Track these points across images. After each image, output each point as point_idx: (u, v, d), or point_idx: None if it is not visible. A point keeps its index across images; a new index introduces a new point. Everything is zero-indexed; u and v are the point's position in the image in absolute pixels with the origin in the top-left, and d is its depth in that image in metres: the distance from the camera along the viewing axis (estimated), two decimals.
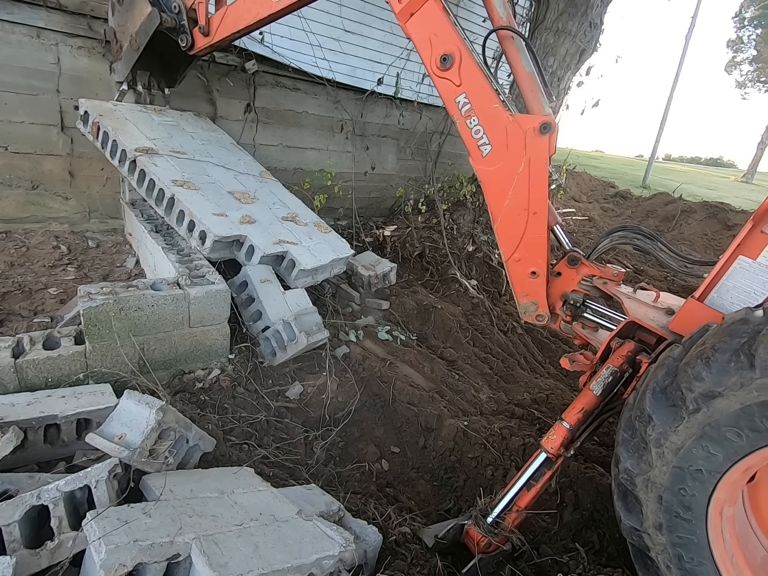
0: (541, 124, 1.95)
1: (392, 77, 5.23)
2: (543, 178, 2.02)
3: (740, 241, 1.75)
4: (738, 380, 1.36)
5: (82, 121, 3.30)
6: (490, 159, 2.08)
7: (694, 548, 1.58)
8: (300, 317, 2.88)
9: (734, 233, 7.81)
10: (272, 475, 2.19)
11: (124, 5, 3.01)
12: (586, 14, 4.92)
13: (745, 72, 30.80)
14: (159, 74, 3.39)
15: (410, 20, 2.11)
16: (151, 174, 3.02)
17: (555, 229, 2.29)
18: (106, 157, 3.29)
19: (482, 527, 1.96)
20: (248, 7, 2.68)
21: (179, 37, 3.00)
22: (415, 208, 5.54)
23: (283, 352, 2.87)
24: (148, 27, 2.85)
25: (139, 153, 3.07)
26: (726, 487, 1.48)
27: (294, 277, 3.09)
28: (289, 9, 2.61)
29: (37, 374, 2.13)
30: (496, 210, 2.15)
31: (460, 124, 2.11)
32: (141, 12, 2.85)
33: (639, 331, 2.06)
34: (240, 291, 3.01)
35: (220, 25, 2.83)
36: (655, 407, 1.56)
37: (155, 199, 3.08)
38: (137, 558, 1.29)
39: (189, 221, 2.92)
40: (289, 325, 2.84)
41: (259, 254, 2.95)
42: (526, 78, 2.24)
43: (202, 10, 2.86)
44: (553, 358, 4.18)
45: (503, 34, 2.23)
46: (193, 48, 3.04)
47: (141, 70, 3.25)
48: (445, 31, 2.04)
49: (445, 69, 2.06)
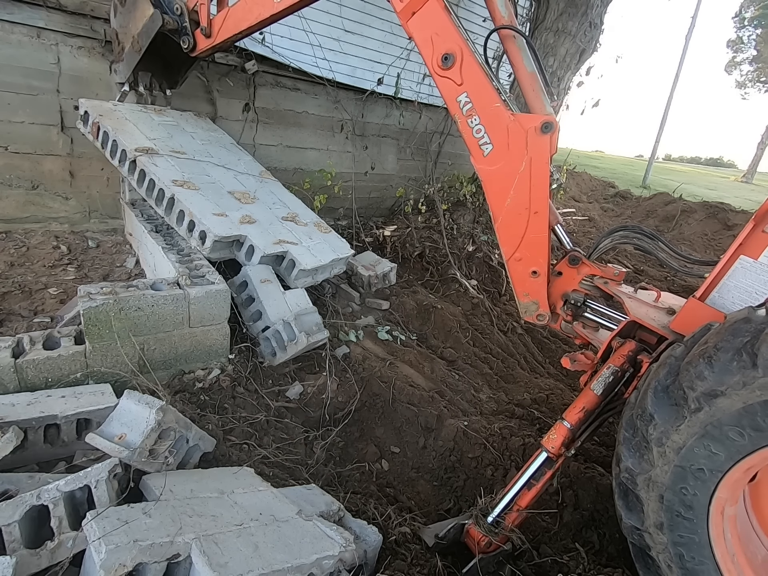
0: (543, 124, 1.94)
1: (392, 77, 5.23)
2: (544, 177, 2.02)
3: (741, 241, 1.75)
4: (740, 379, 1.36)
5: (82, 121, 3.30)
6: (492, 158, 2.08)
7: (695, 547, 1.58)
8: (300, 317, 2.87)
9: (734, 233, 7.82)
10: (272, 475, 2.19)
11: (126, 7, 3.02)
12: (586, 14, 4.93)
13: (745, 72, 30.81)
14: (160, 75, 3.40)
15: (412, 19, 2.10)
16: (151, 174, 3.02)
17: (556, 228, 2.29)
18: (106, 157, 3.29)
19: (483, 527, 1.96)
20: (250, 7, 2.68)
21: (181, 38, 3.01)
22: (415, 208, 5.54)
23: (283, 352, 2.87)
24: (150, 29, 2.87)
25: (139, 153, 3.07)
26: (728, 486, 1.48)
27: (294, 277, 3.09)
28: (291, 9, 2.60)
29: (37, 374, 2.13)
30: (498, 209, 2.15)
31: (461, 123, 2.10)
32: (143, 14, 2.86)
33: (640, 331, 2.06)
34: (240, 291, 3.00)
35: (221, 26, 2.84)
36: (657, 406, 1.56)
37: (155, 199, 3.08)
38: (137, 558, 1.29)
39: (189, 221, 2.92)
40: (289, 325, 2.83)
41: (259, 254, 2.95)
42: (527, 77, 2.23)
43: (203, 12, 2.87)
44: (553, 358, 4.18)
45: (505, 33, 2.23)
46: (195, 49, 3.04)
47: (143, 71, 3.26)
48: (447, 30, 2.03)
49: (446, 68, 2.05)
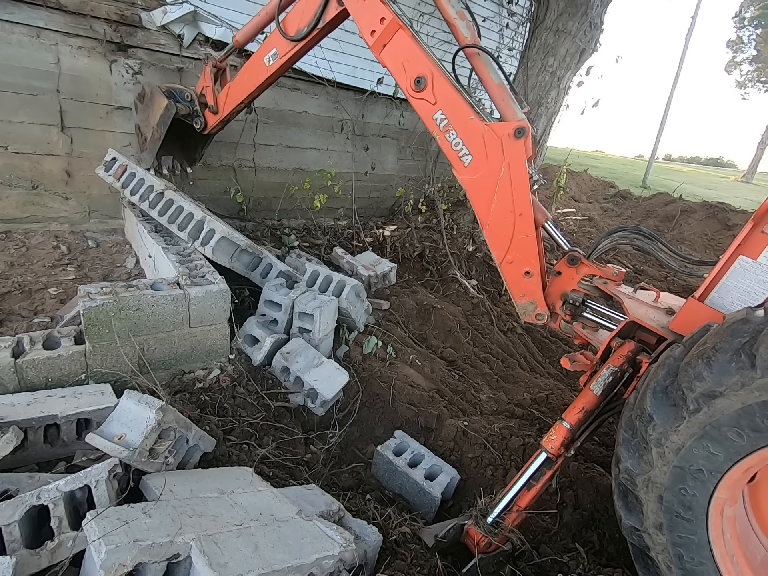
0: (516, 129, 2.03)
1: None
2: (523, 180, 2.09)
3: (741, 241, 1.75)
4: (739, 380, 1.36)
5: (105, 167, 3.44)
6: (472, 168, 2.17)
7: (694, 548, 1.58)
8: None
9: (734, 233, 7.81)
10: (272, 475, 2.19)
11: (145, 103, 3.41)
12: (586, 14, 4.93)
13: (745, 72, 30.82)
14: (180, 156, 3.75)
15: (383, 51, 2.28)
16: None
17: (546, 225, 2.29)
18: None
19: (482, 527, 1.96)
20: (248, 77, 3.00)
21: (193, 120, 3.38)
22: (415, 208, 5.54)
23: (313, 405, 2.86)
24: (166, 117, 3.26)
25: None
26: (727, 486, 1.48)
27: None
28: (282, 69, 2.87)
29: (37, 374, 2.13)
30: (484, 216, 2.23)
31: (440, 139, 2.23)
32: (159, 105, 3.26)
33: (639, 331, 2.06)
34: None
35: (226, 100, 3.18)
36: (656, 407, 1.56)
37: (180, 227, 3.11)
38: (137, 558, 1.29)
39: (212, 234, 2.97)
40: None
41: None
42: (496, 89, 2.32)
43: (209, 93, 3.25)
44: (553, 358, 4.18)
45: (470, 51, 2.34)
46: (206, 127, 3.39)
47: (164, 155, 3.62)
48: (416, 56, 2.19)
49: (419, 90, 2.21)
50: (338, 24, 2.59)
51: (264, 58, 2.84)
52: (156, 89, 3.29)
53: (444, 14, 2.41)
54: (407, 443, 2.65)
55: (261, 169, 4.78)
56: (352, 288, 3.25)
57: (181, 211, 3.11)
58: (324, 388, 2.73)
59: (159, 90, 3.28)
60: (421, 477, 2.43)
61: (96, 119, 3.70)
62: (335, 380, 2.79)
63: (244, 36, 3.13)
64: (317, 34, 2.62)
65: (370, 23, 2.26)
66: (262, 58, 2.85)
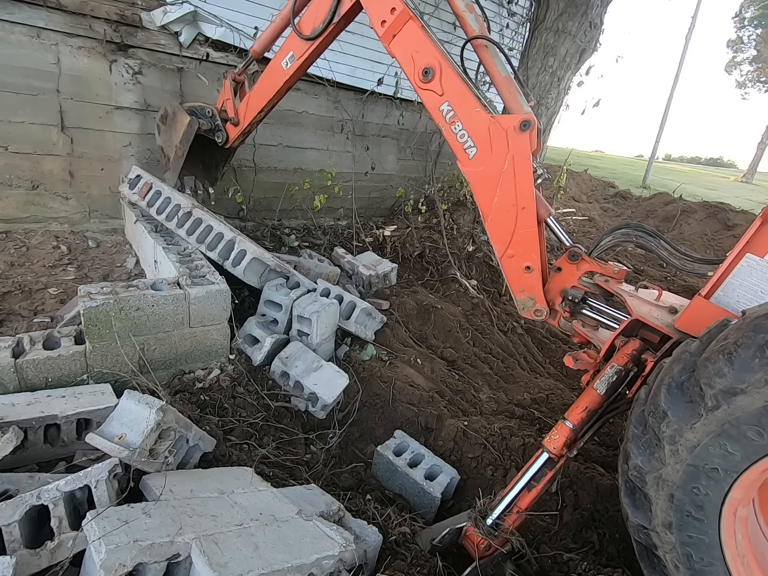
0: (521, 122, 2.02)
1: (392, 77, 5.22)
2: (527, 173, 2.08)
3: (748, 239, 1.72)
4: (762, 377, 1.30)
5: (129, 184, 3.40)
6: (477, 160, 2.18)
7: (704, 548, 1.53)
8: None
9: (734, 233, 7.83)
10: (272, 475, 2.18)
11: (168, 123, 3.46)
12: (586, 14, 4.93)
13: (745, 72, 30.84)
14: (202, 176, 3.78)
15: (393, 41, 2.28)
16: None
17: (548, 220, 2.27)
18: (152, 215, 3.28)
19: (482, 529, 1.94)
20: (267, 84, 3.04)
21: (215, 134, 3.42)
22: (415, 208, 5.54)
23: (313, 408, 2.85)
24: (189, 133, 3.32)
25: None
26: (742, 487, 1.43)
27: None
28: (300, 71, 2.91)
29: (37, 374, 2.13)
30: (486, 209, 2.23)
31: (445, 130, 2.23)
32: (182, 123, 3.33)
33: (642, 330, 2.05)
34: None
35: (246, 110, 3.22)
36: (671, 403, 1.51)
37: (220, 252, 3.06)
38: (137, 558, 1.29)
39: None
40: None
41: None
42: (503, 81, 2.31)
43: (230, 106, 3.30)
44: (554, 358, 4.18)
45: (478, 43, 2.33)
46: (228, 141, 3.43)
47: (187, 175, 3.65)
48: (425, 47, 2.19)
49: (427, 81, 2.21)
50: (352, 18, 2.60)
51: (282, 62, 2.87)
52: (178, 108, 3.35)
53: (453, 7, 2.40)
54: (407, 443, 2.65)
55: (261, 169, 4.78)
56: (362, 311, 3.29)
57: (210, 230, 3.06)
58: (324, 392, 2.73)
59: (181, 108, 3.34)
60: (421, 477, 2.43)
61: (96, 119, 3.70)
62: (335, 383, 2.79)
63: (261, 45, 3.16)
64: (332, 30, 2.64)
65: (381, 13, 2.27)
66: (279, 62, 2.88)
